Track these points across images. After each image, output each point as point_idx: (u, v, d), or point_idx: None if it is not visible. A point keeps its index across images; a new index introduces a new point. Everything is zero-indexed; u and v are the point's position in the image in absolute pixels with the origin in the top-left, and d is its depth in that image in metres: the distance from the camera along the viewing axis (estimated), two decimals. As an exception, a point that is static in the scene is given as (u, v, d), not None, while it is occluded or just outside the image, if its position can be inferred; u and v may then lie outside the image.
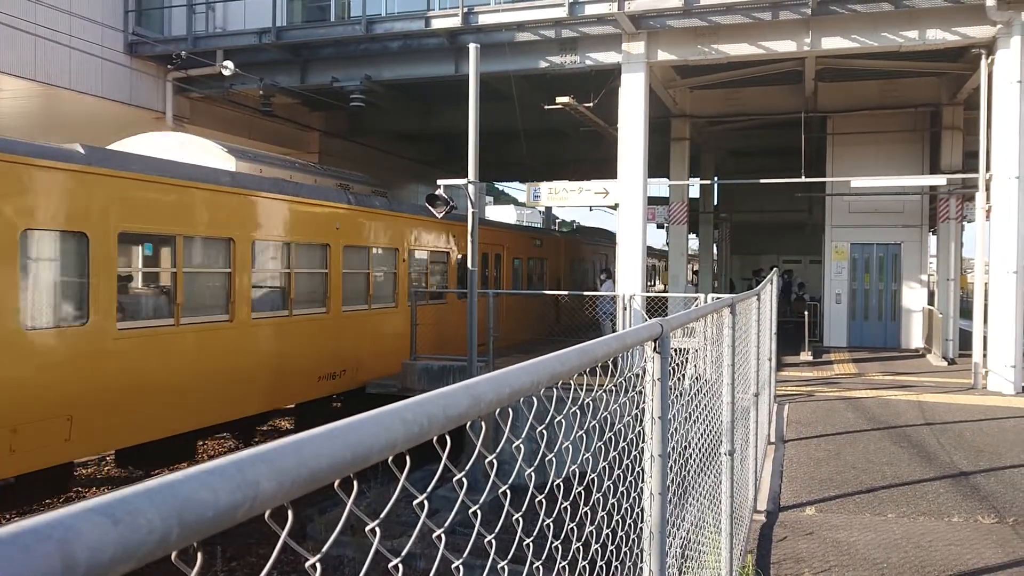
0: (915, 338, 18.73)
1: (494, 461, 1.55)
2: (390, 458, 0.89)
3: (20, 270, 8.16)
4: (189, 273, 10.39)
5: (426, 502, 1.17)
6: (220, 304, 10.94)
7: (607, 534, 2.26)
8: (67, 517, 0.53)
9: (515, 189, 37.06)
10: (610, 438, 2.34)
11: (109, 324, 9.16)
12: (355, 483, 0.96)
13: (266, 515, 0.73)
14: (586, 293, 16.43)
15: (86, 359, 8.87)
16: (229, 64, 15.08)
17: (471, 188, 11.74)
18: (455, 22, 14.36)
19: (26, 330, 8.20)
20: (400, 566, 1.07)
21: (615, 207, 14.95)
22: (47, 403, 8.37)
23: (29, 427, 8.15)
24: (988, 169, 13.23)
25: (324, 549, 0.95)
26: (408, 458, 1.10)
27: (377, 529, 1.01)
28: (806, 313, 17.82)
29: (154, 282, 10.48)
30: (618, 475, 2.37)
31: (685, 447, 3.43)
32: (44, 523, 0.52)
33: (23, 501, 9.21)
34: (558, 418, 1.88)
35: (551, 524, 1.77)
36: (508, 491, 1.56)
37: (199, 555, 0.74)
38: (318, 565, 0.91)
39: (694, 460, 3.74)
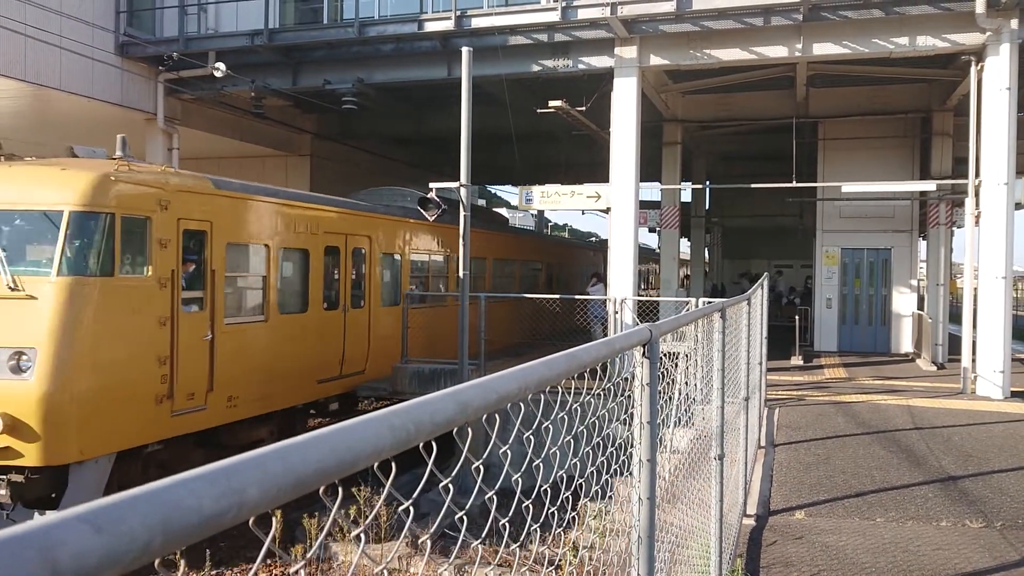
0: (905, 343, 18.81)
1: (481, 467, 1.55)
2: (375, 464, 0.89)
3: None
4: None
5: (412, 508, 1.17)
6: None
7: (595, 537, 2.27)
8: (51, 526, 0.54)
9: (507, 192, 37.09)
10: (598, 443, 2.35)
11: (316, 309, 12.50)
12: (339, 489, 0.96)
13: (250, 521, 0.73)
14: (577, 297, 16.44)
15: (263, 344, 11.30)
16: (221, 66, 15.04)
17: (463, 191, 11.75)
18: (448, 25, 14.36)
19: (229, 322, 10.57)
20: (385, 572, 1.08)
21: (607, 211, 14.97)
22: (228, 377, 10.49)
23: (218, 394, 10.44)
24: (977, 175, 13.31)
25: (308, 556, 0.95)
26: (394, 464, 1.11)
27: (362, 535, 1.02)
28: (797, 317, 17.88)
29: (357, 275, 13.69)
30: (606, 480, 2.38)
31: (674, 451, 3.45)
32: (28, 531, 0.53)
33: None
34: (546, 424, 1.89)
35: (538, 528, 1.77)
36: (495, 496, 1.57)
37: (182, 562, 0.75)
38: (303, 572, 0.91)
39: (683, 464, 3.75)
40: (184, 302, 9.84)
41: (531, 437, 1.71)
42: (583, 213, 27.32)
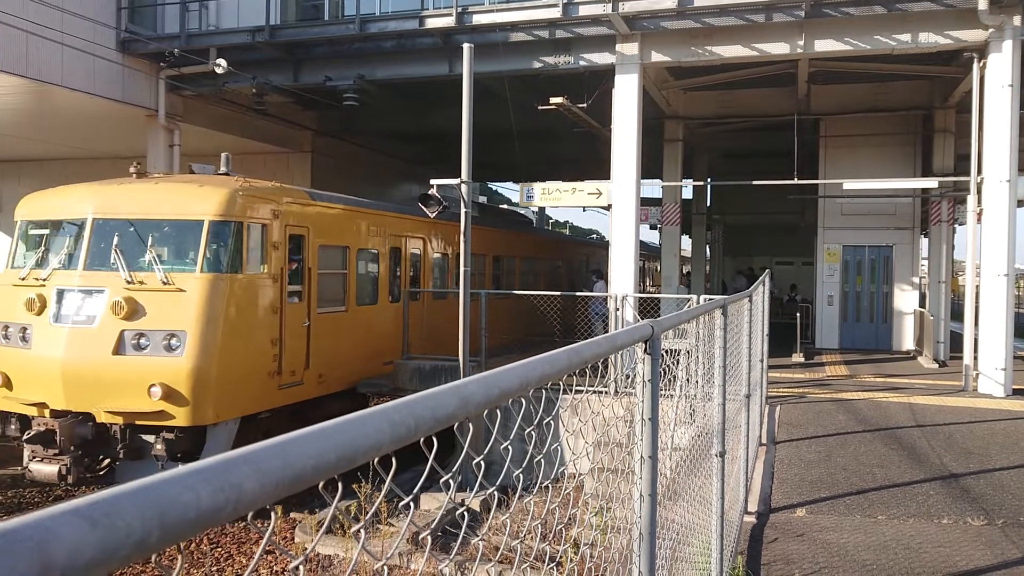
0: (906, 340, 18.79)
1: (482, 463, 1.54)
2: (376, 459, 0.88)
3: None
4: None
5: (412, 504, 1.17)
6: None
7: (596, 535, 2.26)
8: (45, 519, 0.53)
9: (508, 189, 37.04)
10: (600, 439, 2.34)
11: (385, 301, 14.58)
12: (339, 485, 0.95)
13: (249, 516, 0.72)
14: (578, 294, 16.42)
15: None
16: (222, 62, 15.01)
17: (464, 188, 11.73)
18: (449, 22, 14.34)
19: (320, 311, 12.52)
20: (386, 568, 1.07)
21: (608, 208, 14.95)
22: (319, 357, 12.39)
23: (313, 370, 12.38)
24: (979, 172, 13.29)
25: (308, 551, 0.94)
26: (394, 460, 1.10)
27: (362, 531, 1.01)
28: (798, 315, 17.86)
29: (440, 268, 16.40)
30: (607, 476, 2.37)
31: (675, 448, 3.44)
32: (21, 525, 0.52)
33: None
34: (547, 419, 1.88)
35: (539, 525, 1.77)
36: (496, 492, 1.56)
37: (180, 557, 0.74)
38: (302, 568, 0.91)
39: (684, 461, 3.74)
40: (288, 294, 11.82)
41: (532, 433, 1.71)
42: (584, 210, 27.33)
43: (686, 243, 28.04)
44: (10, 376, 10.75)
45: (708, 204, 27.39)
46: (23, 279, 11.08)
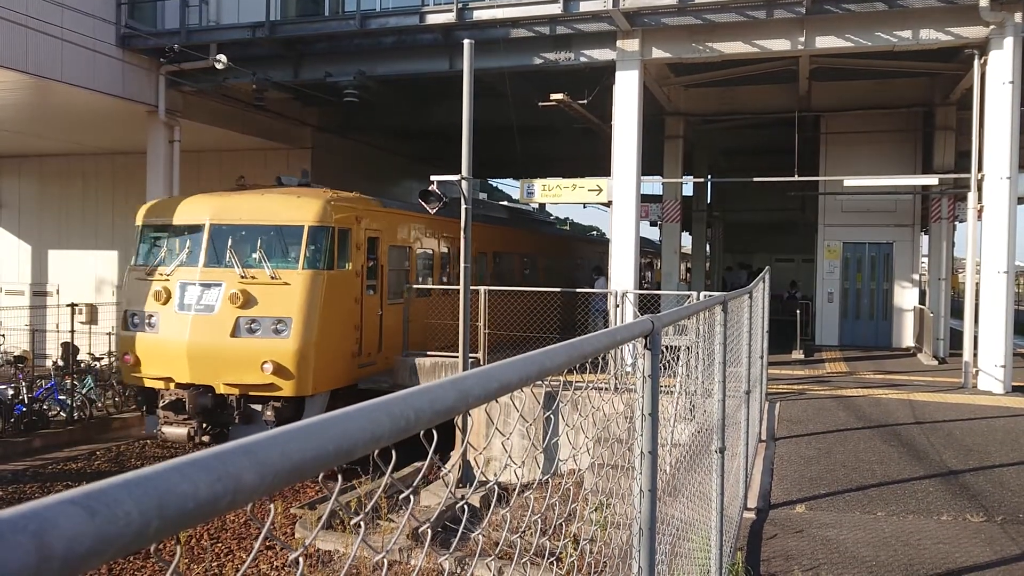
0: (906, 337, 18.79)
1: (483, 456, 1.54)
2: (375, 452, 0.88)
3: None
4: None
5: (412, 497, 1.17)
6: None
7: (596, 530, 2.26)
8: (43, 508, 0.53)
9: (508, 186, 37.00)
10: (600, 434, 2.34)
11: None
12: (339, 477, 0.95)
13: (248, 508, 0.72)
14: (578, 290, 16.41)
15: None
16: (222, 58, 14.99)
17: (464, 184, 11.72)
18: (449, 18, 14.31)
19: (390, 302, 14.36)
20: (386, 561, 1.07)
21: (608, 204, 14.93)
22: (388, 341, 14.20)
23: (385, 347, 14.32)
24: (980, 169, 13.28)
25: (308, 542, 0.94)
26: (394, 452, 1.10)
27: (362, 524, 1.01)
28: (798, 312, 17.85)
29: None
30: (607, 471, 2.37)
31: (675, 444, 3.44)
32: (20, 514, 0.52)
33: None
34: (547, 414, 1.88)
35: (539, 520, 1.77)
36: (496, 487, 1.56)
37: (179, 548, 0.74)
38: (301, 560, 0.91)
39: (684, 457, 3.74)
40: (367, 287, 13.75)
41: (532, 428, 1.71)
42: (584, 207, 27.30)
43: (686, 240, 28.05)
44: (139, 355, 12.74)
45: (708, 201, 27.37)
46: (148, 274, 13.02)
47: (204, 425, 12.26)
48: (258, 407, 12.30)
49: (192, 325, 12.36)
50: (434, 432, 1.07)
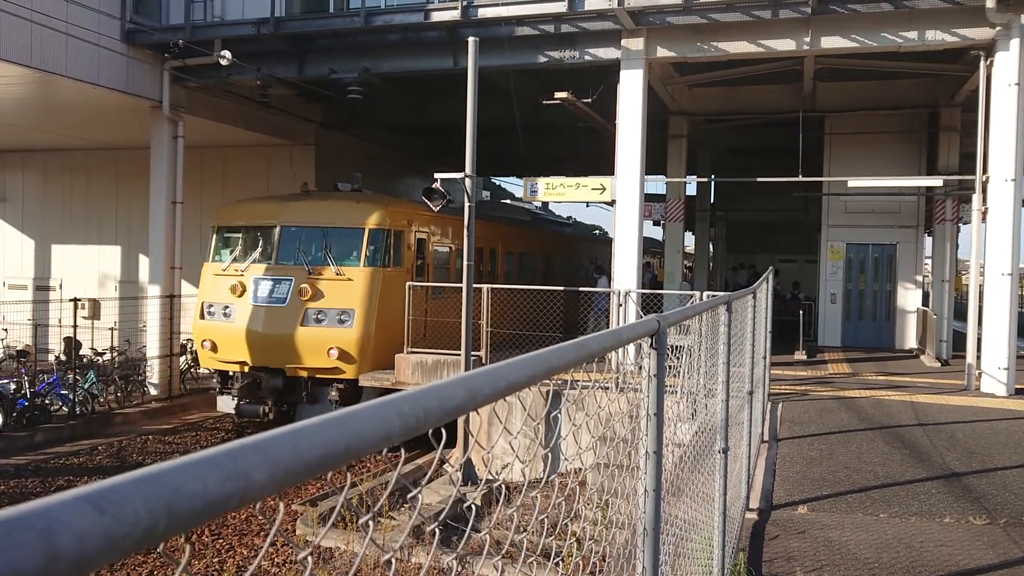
0: (909, 339, 18.76)
1: (489, 456, 1.53)
2: (385, 451, 0.87)
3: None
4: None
5: (419, 496, 1.16)
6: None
7: (601, 529, 2.25)
8: (52, 506, 0.52)
9: (512, 184, 36.96)
10: (605, 434, 2.33)
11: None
12: (348, 476, 0.94)
13: (256, 507, 0.71)
14: (581, 289, 16.41)
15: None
16: (227, 54, 14.98)
17: (468, 182, 11.71)
18: (454, 15, 14.29)
19: (433, 297, 15.24)
20: (393, 560, 1.06)
21: (612, 203, 14.91)
22: (432, 333, 14.71)
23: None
24: (984, 171, 13.25)
25: (316, 542, 0.93)
26: (403, 451, 1.09)
27: (370, 524, 1.00)
28: (801, 312, 17.83)
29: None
30: (612, 471, 2.36)
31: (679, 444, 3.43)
32: (28, 512, 0.51)
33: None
34: (554, 413, 1.87)
35: (544, 519, 1.76)
36: (503, 486, 1.55)
37: (187, 547, 0.73)
38: (310, 560, 0.90)
39: (687, 457, 3.73)
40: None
41: (539, 427, 1.70)
42: (587, 205, 27.29)
43: (689, 239, 28.02)
44: (216, 342, 14.33)
45: (712, 201, 27.34)
46: (224, 270, 14.64)
47: (275, 403, 13.93)
48: (322, 389, 13.88)
49: (266, 315, 14.00)
50: (443, 431, 1.07)
